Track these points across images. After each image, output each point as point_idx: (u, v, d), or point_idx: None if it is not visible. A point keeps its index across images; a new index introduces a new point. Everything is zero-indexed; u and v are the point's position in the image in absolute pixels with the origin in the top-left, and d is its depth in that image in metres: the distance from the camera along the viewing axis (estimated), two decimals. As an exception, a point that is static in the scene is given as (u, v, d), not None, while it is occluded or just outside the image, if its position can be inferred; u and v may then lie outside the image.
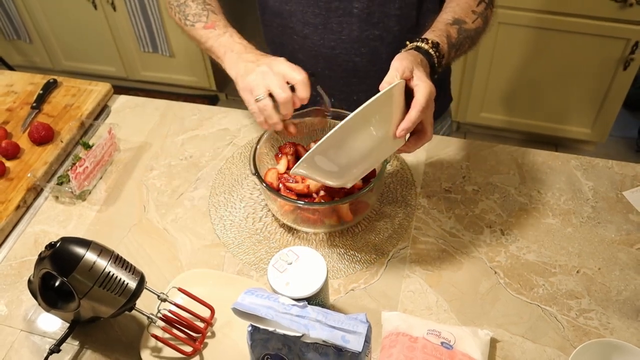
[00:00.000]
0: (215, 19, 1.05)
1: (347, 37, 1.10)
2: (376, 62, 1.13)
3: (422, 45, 0.91)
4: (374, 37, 1.10)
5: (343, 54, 1.13)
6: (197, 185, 1.11)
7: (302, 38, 1.13)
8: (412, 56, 0.86)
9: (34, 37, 2.94)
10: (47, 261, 0.78)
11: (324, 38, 1.11)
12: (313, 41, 1.12)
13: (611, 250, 0.94)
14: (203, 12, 1.06)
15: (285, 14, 1.12)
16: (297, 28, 1.13)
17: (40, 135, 1.18)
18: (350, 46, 1.11)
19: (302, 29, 1.12)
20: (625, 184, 1.05)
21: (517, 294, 0.89)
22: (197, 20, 1.05)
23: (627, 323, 0.85)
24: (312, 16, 1.09)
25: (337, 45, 1.11)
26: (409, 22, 1.09)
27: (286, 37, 1.17)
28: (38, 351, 0.87)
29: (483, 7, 1.02)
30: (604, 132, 2.41)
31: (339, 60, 1.14)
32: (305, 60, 1.17)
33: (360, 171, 0.84)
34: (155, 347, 0.85)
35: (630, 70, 2.15)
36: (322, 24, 1.09)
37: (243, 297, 0.70)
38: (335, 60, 1.14)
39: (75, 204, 1.09)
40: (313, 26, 1.10)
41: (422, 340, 0.80)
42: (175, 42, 2.72)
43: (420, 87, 0.82)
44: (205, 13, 1.06)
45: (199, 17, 1.06)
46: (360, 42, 1.10)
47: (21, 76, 1.39)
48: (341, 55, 1.13)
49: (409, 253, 0.96)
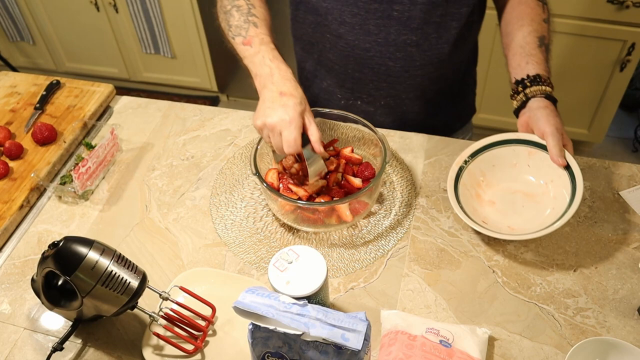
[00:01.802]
0: (254, 33, 1.01)
1: (383, 40, 1.08)
2: (409, 69, 1.12)
3: (546, 89, 0.98)
4: (411, 43, 1.08)
5: (377, 57, 1.11)
6: (198, 185, 1.12)
7: (336, 37, 1.11)
8: (553, 113, 0.96)
9: (37, 39, 2.95)
10: (50, 260, 0.78)
11: (359, 39, 1.09)
12: (347, 41, 1.10)
13: (608, 250, 0.95)
14: (244, 25, 1.02)
15: (322, 11, 1.09)
16: (332, 26, 1.10)
17: (44, 136, 1.19)
18: (386, 49, 1.09)
19: (337, 27, 1.09)
20: (622, 184, 1.05)
21: (515, 293, 0.90)
22: (238, 34, 1.02)
23: (623, 321, 0.85)
24: (349, 15, 1.06)
25: (372, 47, 1.09)
26: (447, 33, 1.08)
27: (318, 35, 1.14)
28: (41, 349, 0.88)
29: (547, 14, 1.06)
30: (601, 132, 2.41)
31: (372, 63, 1.12)
32: (335, 60, 1.15)
33: None
34: (157, 345, 0.85)
35: (627, 71, 2.16)
36: (359, 24, 1.07)
37: (244, 296, 0.71)
38: (368, 62, 1.12)
39: (78, 204, 1.10)
40: (349, 26, 1.08)
41: (421, 338, 0.80)
42: (176, 43, 2.73)
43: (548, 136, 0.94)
44: (246, 26, 1.02)
45: (240, 30, 1.02)
46: (396, 46, 1.08)
47: (24, 77, 1.40)
48: (375, 57, 1.11)
49: (408, 252, 0.97)
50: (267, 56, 0.97)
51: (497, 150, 1.01)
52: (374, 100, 1.20)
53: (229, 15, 1.05)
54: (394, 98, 1.19)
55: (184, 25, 2.62)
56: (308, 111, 0.93)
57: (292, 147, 0.90)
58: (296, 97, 0.91)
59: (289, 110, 0.90)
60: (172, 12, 2.59)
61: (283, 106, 0.90)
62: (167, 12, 2.59)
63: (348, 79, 1.18)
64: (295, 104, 0.90)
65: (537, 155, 0.98)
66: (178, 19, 2.61)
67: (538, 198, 0.98)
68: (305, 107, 0.92)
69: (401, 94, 1.17)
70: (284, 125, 0.89)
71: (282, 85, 0.93)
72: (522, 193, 0.99)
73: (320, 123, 1.08)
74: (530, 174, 1.00)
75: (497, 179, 1.02)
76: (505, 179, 1.01)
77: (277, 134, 0.91)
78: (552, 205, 0.94)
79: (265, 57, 0.97)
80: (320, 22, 1.11)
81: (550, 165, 0.96)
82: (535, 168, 0.99)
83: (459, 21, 1.07)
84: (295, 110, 0.90)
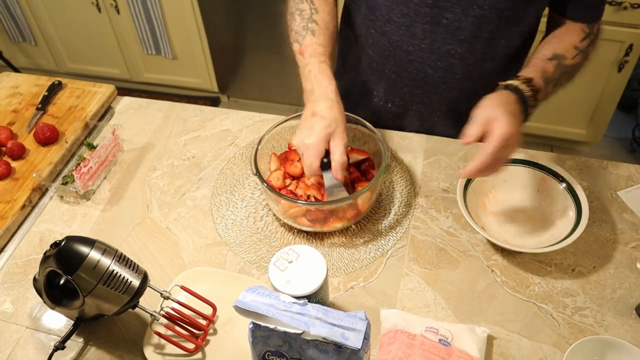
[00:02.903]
0: (309, 42, 0.99)
1: (427, 46, 1.05)
2: (448, 80, 1.09)
3: (512, 82, 0.90)
4: (455, 54, 1.05)
5: (417, 62, 1.08)
6: (199, 185, 1.13)
7: (380, 34, 1.08)
8: (497, 100, 0.87)
9: (39, 40, 2.96)
10: (52, 260, 0.79)
11: (403, 40, 1.06)
12: (390, 40, 1.08)
13: (606, 249, 0.95)
14: (302, 32, 1.01)
15: (371, 4, 1.06)
16: (378, 22, 1.07)
17: (46, 136, 1.19)
18: (428, 56, 1.07)
19: (383, 25, 1.07)
20: (620, 184, 1.06)
21: (514, 292, 0.90)
22: (295, 40, 1.02)
23: (621, 320, 0.86)
24: (398, 15, 1.04)
25: (414, 51, 1.07)
26: (495, 51, 1.05)
27: (364, 28, 1.12)
28: (43, 348, 0.88)
29: (587, 43, 0.99)
30: (599, 132, 2.42)
31: (410, 67, 1.10)
32: (374, 57, 1.13)
33: None
34: (158, 344, 0.86)
35: (625, 72, 2.17)
36: (406, 25, 1.04)
37: (244, 295, 0.71)
38: (407, 66, 1.10)
39: (79, 204, 1.11)
40: (396, 25, 1.05)
41: (420, 337, 0.81)
42: (177, 44, 2.73)
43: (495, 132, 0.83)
44: (303, 33, 1.01)
45: (297, 36, 1.01)
46: (439, 55, 1.06)
47: (26, 78, 1.41)
48: (415, 62, 1.09)
49: (407, 252, 0.97)
50: (314, 70, 0.95)
51: (513, 168, 1.02)
52: (405, 106, 1.17)
53: (291, 19, 1.04)
54: (426, 107, 1.16)
55: (184, 26, 2.63)
56: (339, 133, 0.90)
57: (309, 171, 0.91)
58: (326, 119, 0.90)
59: (313, 133, 0.89)
60: (173, 13, 2.59)
61: (309, 128, 0.90)
62: (168, 13, 2.60)
63: (384, 79, 1.16)
64: (322, 127, 0.89)
65: (549, 183, 1.00)
66: (179, 19, 2.61)
67: (539, 223, 0.99)
68: (334, 130, 0.90)
69: (434, 105, 1.15)
70: (304, 149, 0.90)
71: (317, 105, 0.92)
72: (525, 215, 1.00)
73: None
74: (538, 199, 1.01)
75: (505, 196, 1.03)
76: (513, 197, 1.02)
77: (301, 154, 0.92)
78: (551, 232, 0.95)
79: (312, 72, 0.95)
80: (368, 15, 1.09)
81: (558, 194, 0.98)
82: (544, 194, 1.00)
83: (508, 41, 1.04)
84: (318, 134, 0.89)
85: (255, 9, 2.51)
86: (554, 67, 0.95)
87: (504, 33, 1.02)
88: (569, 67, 0.98)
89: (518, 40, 1.05)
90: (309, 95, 0.94)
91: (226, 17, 2.58)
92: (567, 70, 0.97)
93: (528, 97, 0.90)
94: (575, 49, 0.98)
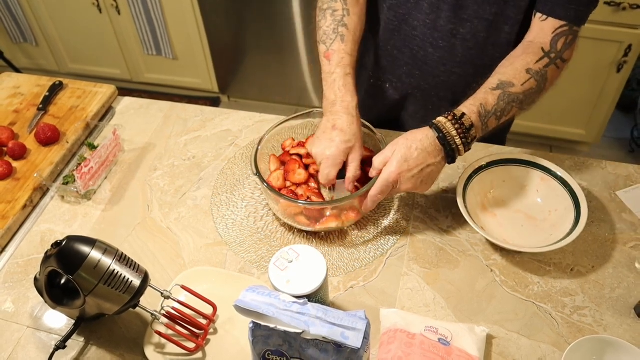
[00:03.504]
0: (337, 49, 1.00)
1: (432, 22, 1.04)
2: (447, 62, 1.09)
3: (440, 120, 0.90)
4: (457, 34, 1.04)
5: (419, 38, 1.07)
6: (199, 185, 1.13)
7: (387, 8, 1.08)
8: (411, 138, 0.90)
9: (40, 40, 2.97)
10: (53, 259, 0.79)
11: (410, 14, 1.06)
12: (397, 14, 1.07)
13: (605, 249, 0.96)
14: (332, 35, 1.01)
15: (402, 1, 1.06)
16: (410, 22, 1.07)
17: (47, 136, 1.20)
18: (431, 34, 1.06)
19: (412, 21, 1.07)
20: (619, 184, 1.06)
21: (513, 292, 0.91)
22: (323, 41, 1.02)
23: (620, 320, 0.86)
24: (424, 14, 1.04)
25: (418, 26, 1.06)
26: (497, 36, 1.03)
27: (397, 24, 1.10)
28: (44, 347, 0.89)
29: (543, 65, 0.93)
30: (598, 133, 2.43)
31: (413, 44, 1.09)
32: (381, 32, 1.12)
33: None
34: (158, 344, 0.86)
35: (624, 72, 2.17)
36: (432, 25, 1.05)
37: (245, 295, 0.71)
38: (410, 42, 1.09)
39: (80, 204, 1.11)
40: (422, 23, 1.05)
41: (420, 336, 0.81)
42: (178, 45, 2.74)
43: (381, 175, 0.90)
44: (333, 37, 1.01)
45: (326, 38, 1.01)
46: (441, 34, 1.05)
47: (28, 78, 1.41)
48: (417, 38, 1.08)
49: (407, 251, 0.97)
50: (338, 82, 0.98)
51: (512, 168, 1.03)
52: (402, 88, 1.17)
53: (322, 16, 1.04)
54: (423, 92, 1.16)
55: (185, 26, 2.63)
56: (357, 149, 0.95)
57: (325, 181, 0.96)
58: (346, 133, 0.94)
59: (332, 146, 0.94)
60: (173, 14, 2.60)
61: (330, 140, 0.94)
62: (169, 14, 2.60)
63: (386, 56, 1.15)
64: (342, 141, 0.94)
65: (548, 183, 1.00)
66: (179, 20, 2.62)
67: (538, 223, 0.99)
68: (354, 145, 0.95)
69: (431, 90, 1.15)
70: (323, 159, 0.94)
71: (339, 118, 0.95)
72: (524, 214, 1.01)
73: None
74: (537, 199, 1.01)
75: (504, 195, 1.03)
76: (511, 197, 1.03)
77: (318, 163, 0.96)
78: (550, 232, 0.96)
79: (336, 82, 0.98)
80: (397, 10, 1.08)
81: (557, 194, 0.98)
82: (543, 194, 1.01)
83: (512, 27, 1.02)
84: (338, 147, 0.93)
85: (255, 9, 2.51)
86: (496, 98, 0.91)
87: (507, 17, 1.01)
88: (518, 95, 0.92)
89: (519, 27, 1.02)
90: (330, 106, 0.97)
91: (226, 17, 2.59)
92: (514, 99, 0.92)
93: (453, 136, 0.89)
94: (528, 73, 0.92)
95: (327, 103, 0.98)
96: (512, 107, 0.92)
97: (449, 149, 0.89)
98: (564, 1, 0.93)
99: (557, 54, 0.95)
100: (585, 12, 0.95)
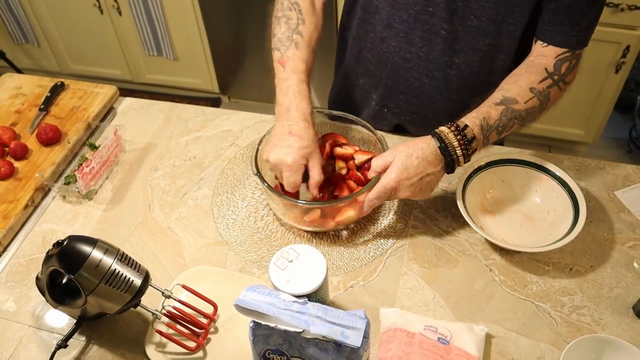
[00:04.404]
0: (292, 55, 0.98)
1: (425, 55, 1.04)
2: (443, 91, 1.08)
3: (443, 129, 0.90)
4: (451, 65, 1.04)
5: (414, 70, 1.07)
6: (200, 185, 1.13)
7: (379, 39, 1.08)
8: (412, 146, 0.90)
9: (41, 41, 2.97)
10: (54, 259, 0.79)
11: (401, 47, 1.05)
12: (389, 46, 1.07)
13: (603, 249, 0.96)
14: (286, 42, 1.00)
15: (371, 9, 1.06)
16: (377, 27, 1.06)
17: (48, 137, 1.20)
18: (425, 65, 1.06)
19: (382, 30, 1.06)
20: (617, 184, 1.06)
21: (512, 291, 0.91)
22: (277, 48, 1.00)
23: (618, 319, 0.87)
24: (397, 21, 1.03)
25: (411, 58, 1.06)
26: (492, 64, 1.04)
27: (362, 31, 1.11)
28: (46, 346, 0.89)
29: (546, 85, 0.94)
30: (596, 133, 2.43)
31: (407, 75, 1.09)
32: (371, 61, 1.12)
33: None
34: (159, 343, 0.86)
35: (622, 73, 2.17)
36: (405, 32, 1.03)
37: (245, 294, 0.72)
38: (404, 73, 1.09)
39: (81, 204, 1.11)
40: (395, 31, 1.04)
41: (419, 335, 0.81)
42: (179, 45, 2.74)
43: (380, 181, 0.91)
44: (287, 44, 0.99)
45: (280, 45, 1.00)
46: (436, 65, 1.05)
47: (29, 79, 1.41)
48: (412, 70, 1.08)
49: (406, 251, 0.98)
50: (293, 88, 0.96)
51: (511, 168, 1.03)
52: (401, 113, 1.17)
53: (277, 24, 1.03)
54: (421, 117, 1.16)
55: (186, 27, 2.64)
56: (315, 153, 0.94)
57: (291, 188, 0.94)
58: (304, 139, 0.93)
59: (292, 152, 0.92)
60: (174, 15, 2.60)
61: (288, 147, 0.92)
62: (170, 15, 2.61)
63: (381, 85, 1.15)
64: (300, 147, 0.92)
65: (547, 183, 1.00)
66: (180, 21, 2.62)
67: (537, 222, 0.99)
68: (312, 150, 0.93)
69: (429, 114, 1.14)
70: (284, 167, 0.92)
71: (295, 124, 0.94)
72: (523, 214, 1.01)
73: (320, 124, 1.10)
74: (536, 198, 1.02)
75: (503, 195, 1.04)
76: (510, 197, 1.03)
77: (279, 171, 0.94)
78: (549, 231, 0.96)
79: (291, 88, 0.96)
80: (367, 19, 1.08)
81: (556, 194, 0.98)
82: (541, 194, 1.01)
83: (507, 55, 1.02)
84: (298, 153, 0.91)
85: (255, 10, 2.51)
86: (499, 113, 0.91)
87: (502, 47, 1.01)
88: (520, 112, 0.93)
89: (514, 55, 1.03)
90: (285, 112, 0.96)
91: (227, 18, 2.59)
92: (517, 115, 0.92)
93: (454, 147, 0.89)
94: (531, 92, 0.93)
95: (280, 109, 0.96)
96: (513, 123, 0.93)
97: (449, 159, 0.90)
98: (564, 30, 0.94)
99: (560, 76, 0.95)
100: (586, 36, 0.96)
